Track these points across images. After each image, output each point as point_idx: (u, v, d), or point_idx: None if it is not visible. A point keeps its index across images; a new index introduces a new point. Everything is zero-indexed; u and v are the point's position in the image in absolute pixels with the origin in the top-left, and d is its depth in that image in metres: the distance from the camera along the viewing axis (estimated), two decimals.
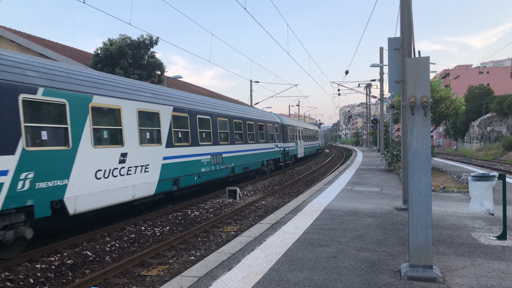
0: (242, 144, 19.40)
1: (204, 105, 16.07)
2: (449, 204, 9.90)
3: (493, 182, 6.14)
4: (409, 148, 4.74)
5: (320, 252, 5.96)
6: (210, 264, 5.53)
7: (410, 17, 9.01)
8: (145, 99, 11.77)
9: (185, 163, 13.64)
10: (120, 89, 10.84)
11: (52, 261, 7.83)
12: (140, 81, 13.58)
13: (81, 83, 9.47)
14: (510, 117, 49.44)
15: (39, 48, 22.55)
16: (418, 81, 4.71)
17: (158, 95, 12.60)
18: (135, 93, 11.43)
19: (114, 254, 8.56)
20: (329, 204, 10.04)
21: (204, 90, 47.80)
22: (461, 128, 65.85)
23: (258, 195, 16.73)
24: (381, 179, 16.17)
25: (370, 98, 52.39)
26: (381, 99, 38.33)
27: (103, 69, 22.22)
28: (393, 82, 9.16)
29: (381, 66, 31.41)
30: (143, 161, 11.28)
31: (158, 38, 24.20)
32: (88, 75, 10.07)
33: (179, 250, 8.88)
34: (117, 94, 10.58)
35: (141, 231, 10.26)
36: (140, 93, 11.70)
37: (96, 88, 9.88)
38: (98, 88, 9.95)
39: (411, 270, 4.77)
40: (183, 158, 13.52)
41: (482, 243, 6.28)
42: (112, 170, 10.02)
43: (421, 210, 4.69)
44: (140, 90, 11.84)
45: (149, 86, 12.79)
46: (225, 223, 11.36)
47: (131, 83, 11.87)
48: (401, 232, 7.08)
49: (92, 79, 10.00)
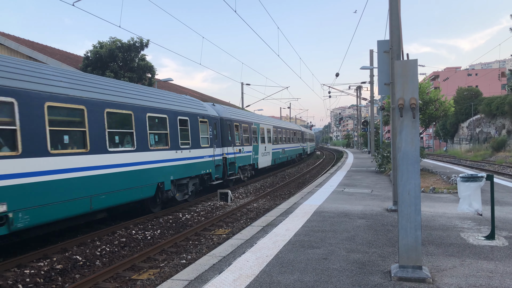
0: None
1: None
2: (439, 205, 9.99)
3: (481, 182, 6.21)
4: (398, 150, 4.78)
5: (311, 254, 5.97)
6: (201, 267, 5.52)
7: (399, 20, 9.10)
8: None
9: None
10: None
11: (42, 266, 7.75)
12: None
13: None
14: (498, 118, 50.06)
15: (28, 51, 22.37)
16: (407, 84, 4.76)
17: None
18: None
19: (105, 259, 8.49)
20: (320, 206, 10.07)
21: (195, 92, 47.75)
22: (451, 130, 66.51)
23: (249, 197, 16.72)
24: (372, 180, 16.27)
25: (360, 100, 52.71)
26: (372, 101, 38.63)
27: (93, 72, 22.09)
28: (382, 85, 9.24)
29: (371, 68, 31.71)
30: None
31: (149, 41, 24.15)
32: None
33: (170, 253, 8.84)
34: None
35: (132, 235, 10.20)
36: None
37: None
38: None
39: (401, 270, 4.80)
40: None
41: (471, 243, 6.34)
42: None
43: (410, 211, 4.72)
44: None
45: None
46: (216, 226, 11.34)
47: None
48: (392, 233, 7.13)
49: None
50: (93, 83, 10.47)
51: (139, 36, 24.19)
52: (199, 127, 15.53)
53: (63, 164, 8.83)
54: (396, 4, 9.21)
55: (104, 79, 11.66)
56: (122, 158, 10.72)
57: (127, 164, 10.90)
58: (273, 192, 17.92)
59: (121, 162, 10.65)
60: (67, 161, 8.92)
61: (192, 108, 15.42)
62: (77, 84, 9.77)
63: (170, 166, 13.07)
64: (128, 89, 11.90)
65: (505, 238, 6.63)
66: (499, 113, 48.50)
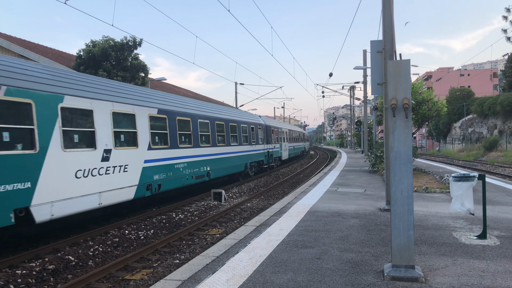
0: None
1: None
2: (432, 204, 10.05)
3: (473, 182, 6.25)
4: (391, 150, 4.80)
5: (305, 253, 5.98)
6: (194, 267, 5.51)
7: (391, 21, 9.13)
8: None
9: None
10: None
11: (33, 267, 7.69)
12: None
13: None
14: (490, 118, 50.47)
15: (20, 50, 22.18)
16: (399, 84, 4.78)
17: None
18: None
19: (98, 259, 8.44)
20: (313, 206, 10.09)
21: (188, 92, 47.62)
22: (443, 129, 66.95)
23: (243, 197, 16.71)
24: (365, 180, 16.33)
25: (354, 100, 52.88)
26: (365, 101, 38.75)
27: (85, 71, 21.95)
28: (375, 85, 9.27)
29: (365, 68, 31.79)
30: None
31: (142, 40, 24.06)
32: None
33: (163, 253, 8.81)
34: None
35: (125, 235, 10.15)
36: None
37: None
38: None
39: (393, 270, 4.82)
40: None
41: (463, 243, 6.39)
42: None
43: (403, 211, 4.74)
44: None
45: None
46: (210, 225, 11.32)
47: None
48: (385, 232, 7.15)
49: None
50: (217, 108, 19.68)
51: (132, 35, 24.06)
52: (258, 131, 25.44)
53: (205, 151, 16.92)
54: (389, 5, 9.25)
55: (212, 104, 20.20)
56: (234, 149, 20.34)
57: (235, 151, 20.46)
58: (266, 191, 17.92)
59: (233, 150, 20.28)
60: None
61: (255, 120, 25.60)
62: (206, 108, 17.85)
63: (248, 154, 22.82)
64: (228, 111, 21.64)
65: (496, 237, 6.69)
66: (491, 113, 48.90)
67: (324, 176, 18.18)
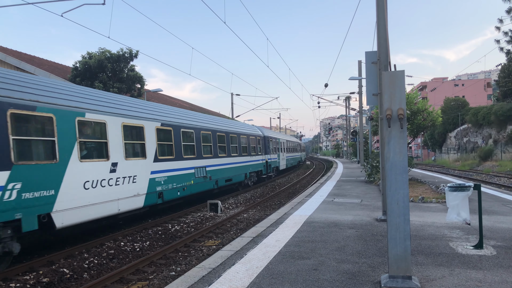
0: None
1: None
2: (428, 214, 10.06)
3: (469, 192, 6.27)
4: (387, 160, 4.81)
5: (301, 264, 5.95)
6: (191, 279, 5.46)
7: (386, 32, 9.23)
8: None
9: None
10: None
11: (28, 280, 7.60)
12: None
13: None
14: (485, 128, 50.77)
15: (16, 62, 22.17)
16: (394, 94, 4.81)
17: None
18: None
19: (93, 271, 8.36)
20: (310, 216, 10.07)
21: (184, 103, 47.67)
22: (439, 139, 67.24)
23: (239, 208, 16.65)
24: (361, 190, 16.33)
25: (349, 111, 53.10)
26: (360, 111, 38.95)
27: (81, 82, 21.96)
28: (371, 95, 9.33)
29: (360, 79, 31.99)
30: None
31: (138, 52, 24.12)
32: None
33: (159, 265, 8.74)
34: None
35: (120, 247, 10.07)
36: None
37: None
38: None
39: (390, 281, 4.81)
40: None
41: (459, 253, 6.38)
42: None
43: (399, 221, 4.75)
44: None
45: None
46: (206, 237, 11.25)
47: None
48: (381, 243, 7.14)
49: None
50: (218, 120, 20.33)
51: (129, 47, 24.16)
52: (257, 142, 25.73)
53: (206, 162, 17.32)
54: (383, 16, 9.36)
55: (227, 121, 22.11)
56: (234, 159, 20.73)
57: (235, 162, 20.75)
58: (263, 202, 17.87)
59: (234, 161, 20.66)
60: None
61: (254, 131, 26.05)
62: (208, 120, 18.49)
63: (248, 165, 23.20)
64: (228, 122, 21.98)
65: (493, 247, 6.69)
66: (486, 123, 49.21)
67: (320, 187, 18.17)
